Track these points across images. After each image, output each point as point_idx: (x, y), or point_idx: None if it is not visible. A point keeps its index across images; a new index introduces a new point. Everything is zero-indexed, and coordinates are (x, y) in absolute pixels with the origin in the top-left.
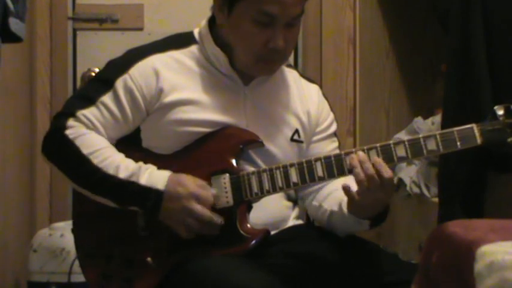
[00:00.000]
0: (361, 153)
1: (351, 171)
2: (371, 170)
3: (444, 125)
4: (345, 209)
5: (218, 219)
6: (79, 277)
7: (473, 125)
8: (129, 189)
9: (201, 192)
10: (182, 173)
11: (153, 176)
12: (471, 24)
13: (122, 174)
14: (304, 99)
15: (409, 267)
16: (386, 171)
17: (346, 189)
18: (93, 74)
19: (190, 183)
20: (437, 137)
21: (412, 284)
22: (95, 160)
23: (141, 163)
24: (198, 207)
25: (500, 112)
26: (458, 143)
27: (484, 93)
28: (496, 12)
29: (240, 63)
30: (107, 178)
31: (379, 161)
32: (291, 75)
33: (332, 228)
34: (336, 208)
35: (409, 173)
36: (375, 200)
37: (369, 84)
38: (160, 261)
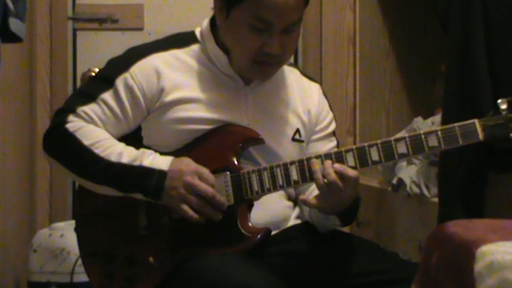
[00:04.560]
0: (327, 161)
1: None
2: (332, 176)
3: (444, 125)
4: None
5: (221, 199)
6: (81, 277)
7: (475, 121)
8: (133, 171)
9: (203, 171)
10: None
11: (157, 159)
12: (471, 23)
13: (125, 160)
14: (305, 98)
15: (409, 266)
16: (349, 173)
17: (304, 201)
18: (93, 74)
19: (193, 162)
20: (439, 133)
21: (412, 284)
22: (97, 150)
23: (143, 149)
24: (201, 183)
25: (503, 106)
26: (460, 139)
27: (484, 93)
28: (496, 12)
29: (236, 66)
30: (110, 166)
31: (341, 166)
32: (293, 74)
33: (314, 224)
34: None
35: (409, 173)
36: (340, 199)
37: (369, 84)
38: (161, 261)
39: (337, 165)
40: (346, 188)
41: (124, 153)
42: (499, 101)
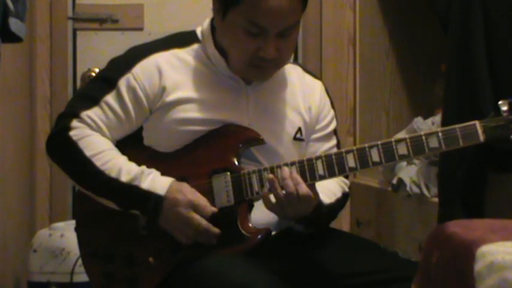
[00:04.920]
0: (285, 168)
1: (351, 170)
2: (291, 187)
3: (444, 125)
4: None
5: (214, 230)
6: (81, 277)
7: (476, 122)
8: (130, 193)
9: (199, 202)
10: (183, 171)
11: (155, 182)
12: (471, 23)
13: (124, 178)
14: (307, 96)
15: (409, 265)
16: (302, 189)
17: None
18: (93, 74)
19: (190, 191)
20: (440, 134)
21: (412, 284)
22: (98, 162)
23: (143, 167)
24: (195, 216)
25: (504, 108)
26: (461, 141)
27: (484, 93)
28: (496, 12)
29: (234, 68)
30: (109, 181)
31: (298, 178)
32: (294, 71)
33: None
34: None
35: (409, 173)
36: (297, 210)
37: (369, 84)
38: (161, 261)
39: (295, 179)
40: (301, 201)
41: (123, 170)
42: (500, 102)
